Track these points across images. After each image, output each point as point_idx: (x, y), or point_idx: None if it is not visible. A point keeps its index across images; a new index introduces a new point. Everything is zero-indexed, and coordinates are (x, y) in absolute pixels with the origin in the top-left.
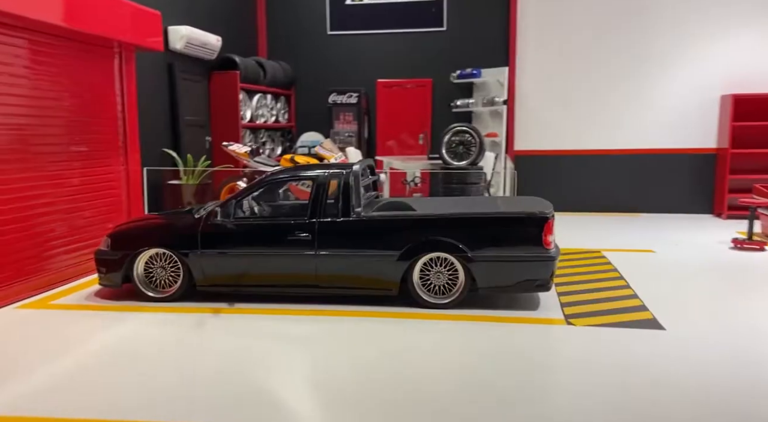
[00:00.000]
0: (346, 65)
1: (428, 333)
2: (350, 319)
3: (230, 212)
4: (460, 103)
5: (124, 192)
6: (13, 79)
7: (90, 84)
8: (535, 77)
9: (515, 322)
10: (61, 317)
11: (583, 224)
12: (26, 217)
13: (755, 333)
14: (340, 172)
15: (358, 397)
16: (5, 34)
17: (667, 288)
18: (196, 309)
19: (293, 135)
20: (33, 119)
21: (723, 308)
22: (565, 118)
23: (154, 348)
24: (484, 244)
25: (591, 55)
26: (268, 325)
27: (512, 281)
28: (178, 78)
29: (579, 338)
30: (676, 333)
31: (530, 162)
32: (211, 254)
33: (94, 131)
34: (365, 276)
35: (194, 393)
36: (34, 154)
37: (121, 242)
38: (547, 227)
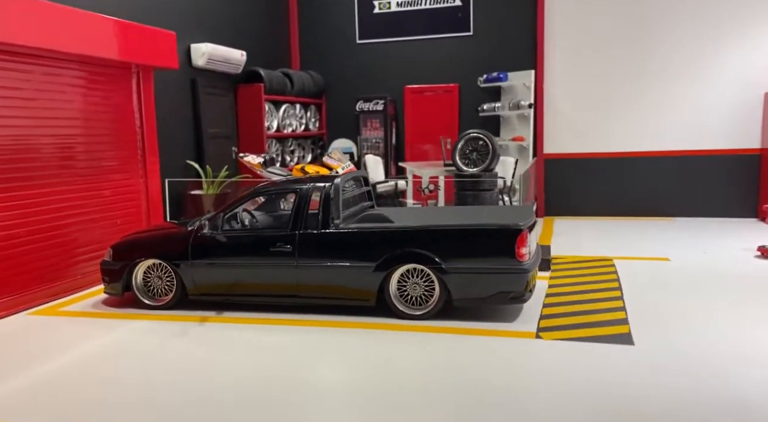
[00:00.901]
0: (375, 73)
1: (385, 345)
2: (324, 329)
3: (218, 225)
4: (486, 108)
5: (143, 203)
6: (41, 103)
7: (110, 103)
8: (564, 79)
9: (484, 334)
10: (62, 324)
11: (610, 229)
12: (53, 227)
13: (731, 353)
14: (322, 185)
15: (262, 402)
16: (43, 64)
17: (662, 300)
18: (186, 317)
19: (324, 142)
20: (59, 138)
21: (710, 323)
22: (596, 120)
23: (129, 357)
24: (457, 256)
25: (621, 54)
26: (245, 334)
27: (486, 294)
28: (200, 92)
29: (540, 352)
30: (643, 349)
31: (560, 165)
32: (201, 265)
33: (114, 147)
34: (344, 287)
35: (134, 401)
36: (60, 168)
37: (121, 253)
38: (521, 239)
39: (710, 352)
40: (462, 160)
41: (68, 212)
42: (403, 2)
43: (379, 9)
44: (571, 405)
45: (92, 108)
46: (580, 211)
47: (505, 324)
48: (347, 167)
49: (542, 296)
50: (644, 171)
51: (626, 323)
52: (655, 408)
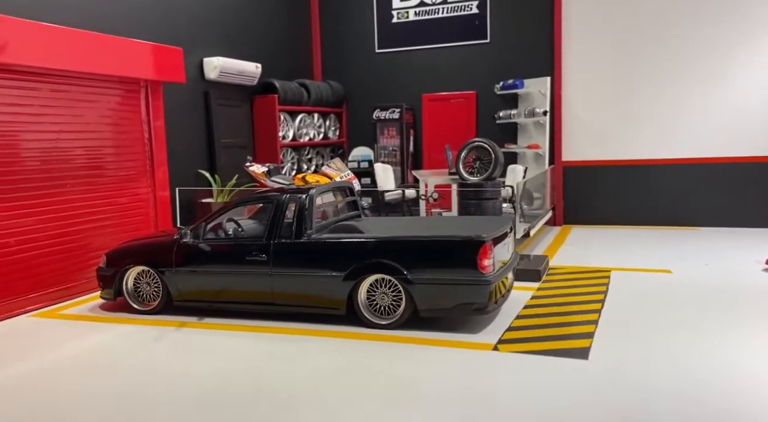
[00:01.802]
0: (393, 81)
1: (335, 353)
2: (291, 337)
3: (200, 234)
4: (502, 115)
5: (151, 211)
6: (49, 118)
7: (118, 116)
8: (582, 85)
9: (443, 345)
10: (55, 326)
11: (626, 238)
12: (62, 234)
13: (685, 374)
14: (297, 196)
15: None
16: (50, 82)
17: (641, 314)
18: (167, 322)
19: (344, 150)
20: (70, 150)
21: (679, 341)
22: (617, 126)
23: (99, 360)
24: (422, 267)
25: (642, 58)
26: (215, 340)
27: (450, 305)
28: (213, 104)
29: (489, 364)
30: (595, 365)
31: (579, 173)
32: (184, 272)
33: (123, 158)
34: (315, 295)
35: (76, 405)
36: (72, 178)
37: (114, 260)
38: (483, 251)
39: (663, 371)
40: (465, 169)
41: (77, 220)
42: (420, 11)
43: (397, 19)
44: (480, 414)
45: (101, 121)
46: (600, 220)
47: (469, 335)
48: (346, 176)
49: (519, 307)
50: (668, 179)
51: (591, 337)
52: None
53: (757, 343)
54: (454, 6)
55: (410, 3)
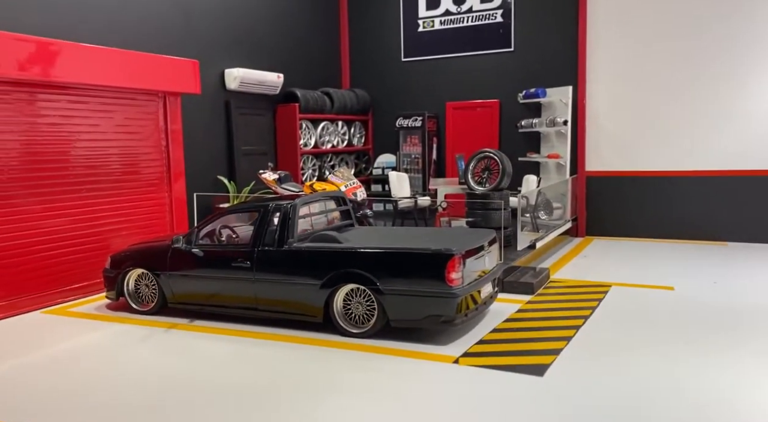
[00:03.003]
0: (418, 89)
1: (295, 361)
2: (267, 342)
3: (192, 239)
4: (524, 124)
5: (168, 216)
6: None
7: (137, 125)
8: (607, 94)
9: (405, 356)
10: (58, 323)
11: (645, 252)
12: (85, 234)
13: (636, 396)
14: (282, 205)
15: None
16: (83, 94)
17: (621, 334)
18: (159, 323)
19: (369, 157)
20: (96, 157)
21: (648, 363)
22: (643, 136)
23: (86, 356)
24: (393, 278)
25: (669, 67)
26: (194, 342)
27: (418, 316)
28: (234, 113)
29: (440, 377)
30: (547, 382)
31: (603, 184)
32: (176, 276)
33: (142, 165)
34: (294, 302)
35: (50, 399)
36: (94, 183)
37: (116, 262)
38: (451, 264)
39: (612, 394)
40: (473, 179)
41: (96, 222)
42: (446, 20)
43: (423, 28)
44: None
45: (120, 130)
46: (624, 232)
47: (437, 346)
48: (352, 185)
49: (500, 320)
50: (696, 192)
51: (556, 354)
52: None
53: (730, 372)
54: (479, 15)
55: (436, 12)
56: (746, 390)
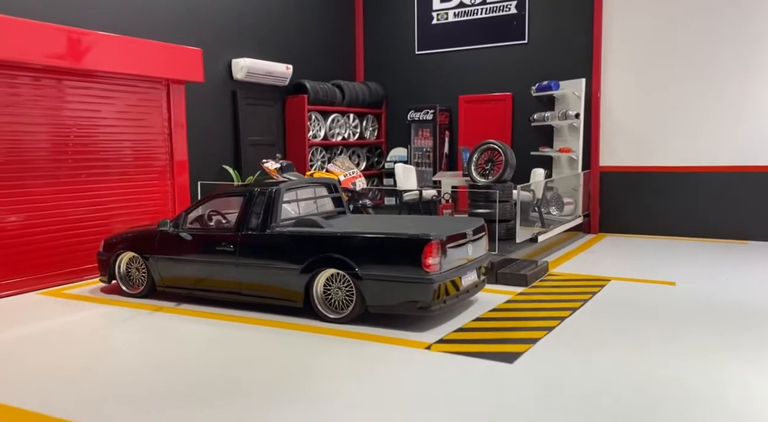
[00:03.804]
0: (432, 82)
1: (269, 344)
2: (248, 326)
3: (179, 223)
4: (537, 117)
5: (170, 203)
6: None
7: (140, 112)
8: (622, 87)
9: (379, 341)
10: (50, 303)
11: (657, 249)
12: (86, 219)
13: (601, 389)
14: (267, 190)
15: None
16: (88, 81)
17: (606, 326)
18: (146, 306)
19: (382, 151)
20: (99, 143)
21: (624, 356)
22: (659, 131)
23: (63, 336)
24: (370, 263)
25: (687, 59)
26: (174, 325)
27: (395, 302)
28: (240, 103)
29: (407, 361)
30: (514, 370)
31: (617, 179)
32: (164, 259)
33: (145, 153)
34: (276, 287)
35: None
36: (98, 167)
37: (109, 245)
38: (428, 249)
39: (581, 383)
40: (476, 171)
41: (98, 207)
42: (459, 13)
43: (437, 20)
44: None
45: (122, 116)
46: (639, 229)
47: (414, 333)
48: (351, 174)
49: (485, 309)
50: (715, 188)
51: (533, 343)
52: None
53: (704, 369)
54: (493, 6)
55: (450, 4)
56: (714, 387)
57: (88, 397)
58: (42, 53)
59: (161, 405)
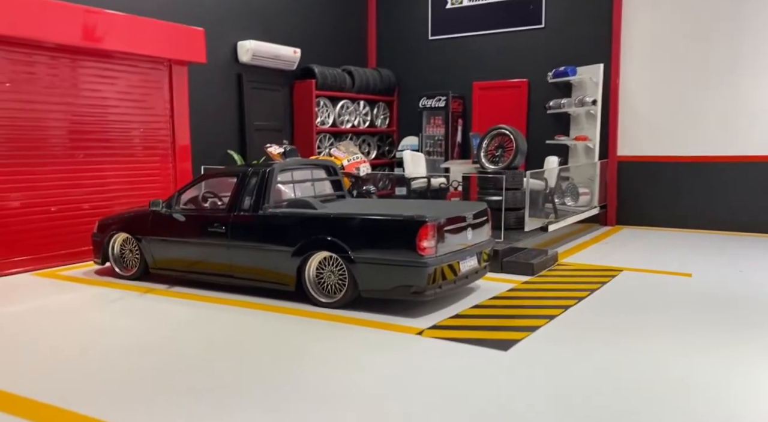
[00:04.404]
0: (445, 69)
1: (255, 326)
2: (236, 309)
3: (172, 203)
4: (552, 104)
5: (172, 186)
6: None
7: (141, 93)
8: (643, 73)
9: (369, 326)
10: (40, 284)
11: (675, 241)
12: (84, 200)
13: (592, 382)
14: (260, 169)
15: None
16: (88, 59)
17: (611, 317)
18: (137, 288)
19: (393, 140)
20: (103, 125)
21: (622, 348)
22: (680, 119)
23: (42, 315)
24: (363, 246)
25: (712, 43)
26: (162, 307)
27: (388, 286)
28: (246, 87)
29: (394, 346)
30: (509, 358)
31: (636, 169)
32: (156, 241)
33: (146, 135)
34: (267, 270)
35: None
36: (97, 148)
37: (103, 226)
38: (423, 232)
39: (575, 373)
40: (486, 157)
41: (97, 189)
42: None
43: (451, 4)
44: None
45: (122, 97)
46: (656, 222)
47: (407, 319)
48: (355, 159)
49: (486, 296)
50: (738, 179)
51: (531, 331)
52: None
53: (709, 363)
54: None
55: None
56: (717, 383)
57: (50, 375)
58: (38, 29)
59: (121, 391)
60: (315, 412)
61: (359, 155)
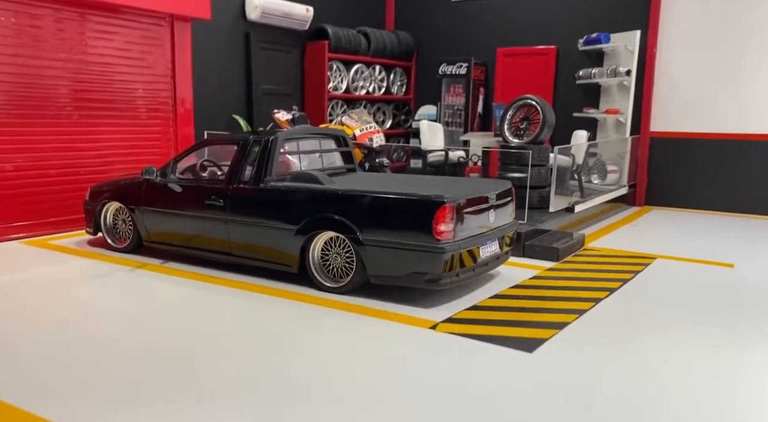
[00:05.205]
0: (468, 34)
1: (248, 312)
2: (233, 290)
3: (167, 172)
4: (582, 74)
5: (172, 151)
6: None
7: (141, 51)
8: (683, 41)
9: (378, 317)
10: (29, 253)
11: (709, 225)
12: (77, 164)
13: (626, 391)
14: (263, 138)
15: None
16: (83, 11)
17: (649, 313)
18: (128, 262)
19: (410, 108)
20: (100, 85)
21: (662, 350)
22: (721, 92)
23: (23, 288)
24: (374, 226)
25: (761, 9)
26: (151, 283)
27: (400, 272)
28: (254, 47)
29: (405, 342)
30: (533, 360)
31: (670, 146)
32: (150, 212)
33: (145, 96)
34: (269, 248)
35: None
36: (91, 109)
37: (95, 194)
38: (440, 213)
39: (608, 382)
40: (510, 130)
41: (92, 152)
42: None
43: None
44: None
45: (120, 54)
46: (689, 203)
47: (420, 309)
48: (368, 129)
49: (507, 285)
50: None
51: (560, 328)
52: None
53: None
54: None
55: None
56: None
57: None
58: None
59: (75, 387)
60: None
61: (373, 125)
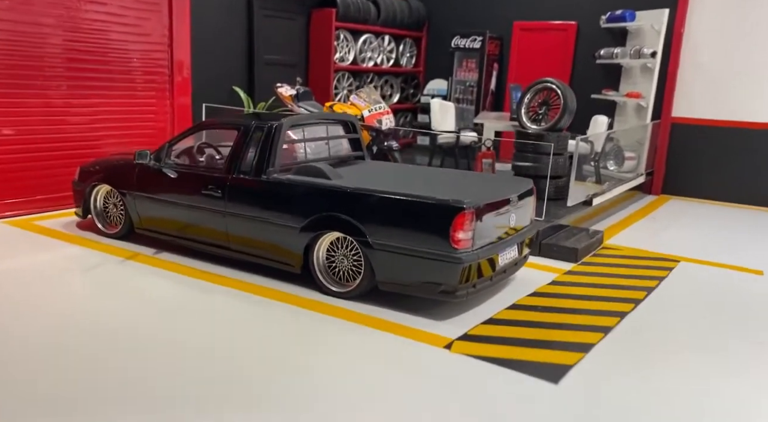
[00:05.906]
0: (483, 4)
1: (238, 316)
2: (228, 291)
3: (161, 157)
4: (603, 54)
5: (168, 124)
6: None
7: (136, 17)
8: (713, 22)
9: (386, 330)
10: (13, 236)
11: (732, 220)
12: (64, 138)
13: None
14: (265, 125)
15: None
16: None
17: (681, 330)
18: (119, 250)
19: (419, 82)
20: (92, 52)
21: (703, 375)
22: (752, 79)
23: (11, 281)
24: (386, 229)
25: None
26: (142, 279)
27: (411, 281)
28: (256, 14)
29: (418, 367)
30: (561, 397)
31: (691, 133)
32: (142, 197)
33: (140, 65)
34: (270, 245)
35: None
36: (80, 79)
37: (84, 174)
38: (459, 220)
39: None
40: (527, 116)
41: (80, 125)
42: None
43: None
44: None
45: (113, 20)
46: (709, 193)
47: (432, 321)
48: (378, 109)
49: (524, 293)
50: None
51: (585, 351)
52: None
53: None
54: None
55: None
56: None
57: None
58: None
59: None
60: None
61: (382, 105)
